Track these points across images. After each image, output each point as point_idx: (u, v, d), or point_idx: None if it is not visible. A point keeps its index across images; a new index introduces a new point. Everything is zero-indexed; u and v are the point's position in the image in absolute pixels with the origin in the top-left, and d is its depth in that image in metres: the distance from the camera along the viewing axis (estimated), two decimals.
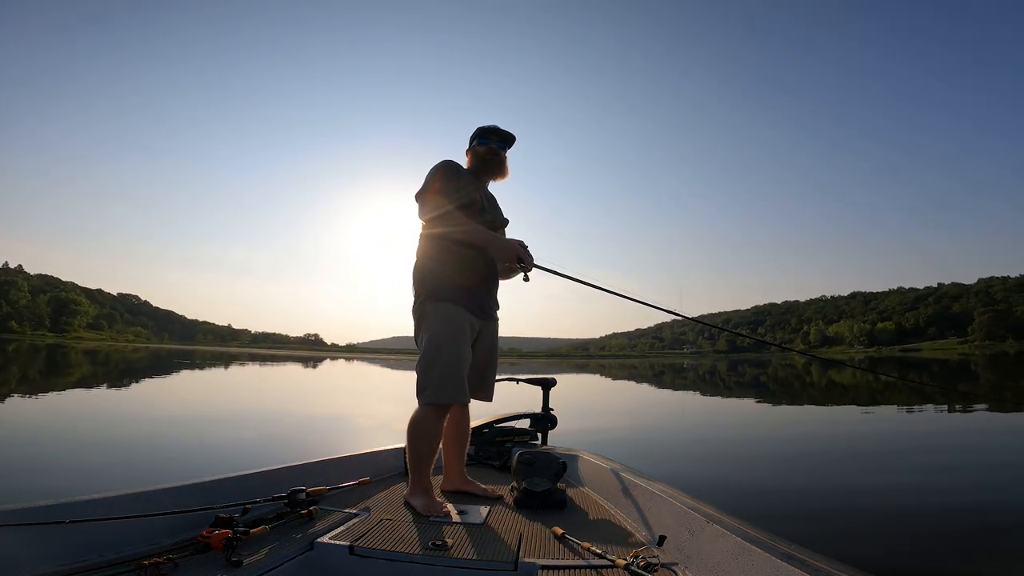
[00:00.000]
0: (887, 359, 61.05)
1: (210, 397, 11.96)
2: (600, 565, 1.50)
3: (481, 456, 2.99)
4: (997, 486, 4.28)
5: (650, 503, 1.93)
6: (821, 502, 3.90)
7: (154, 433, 6.46)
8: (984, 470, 4.85)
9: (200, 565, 1.41)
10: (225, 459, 5.11)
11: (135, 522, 1.52)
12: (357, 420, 8.84)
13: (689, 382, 20.75)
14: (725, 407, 11.17)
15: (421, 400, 2.11)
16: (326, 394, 14.28)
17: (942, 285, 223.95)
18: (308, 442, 6.35)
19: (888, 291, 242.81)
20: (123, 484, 1.72)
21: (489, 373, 2.35)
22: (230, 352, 71.77)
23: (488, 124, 2.36)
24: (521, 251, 2.11)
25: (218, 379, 18.37)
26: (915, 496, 4.04)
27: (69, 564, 1.35)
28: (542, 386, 3.28)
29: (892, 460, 5.40)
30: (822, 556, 1.26)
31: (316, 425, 7.98)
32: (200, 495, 1.76)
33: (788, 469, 5.11)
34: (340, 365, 39.01)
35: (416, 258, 2.29)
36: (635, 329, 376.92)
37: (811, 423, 8.61)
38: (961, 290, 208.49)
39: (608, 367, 42.38)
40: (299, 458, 2.31)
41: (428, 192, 2.19)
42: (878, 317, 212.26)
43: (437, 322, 2.13)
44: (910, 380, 10.92)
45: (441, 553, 1.57)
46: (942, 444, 6.41)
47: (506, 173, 2.42)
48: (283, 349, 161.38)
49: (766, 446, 6.38)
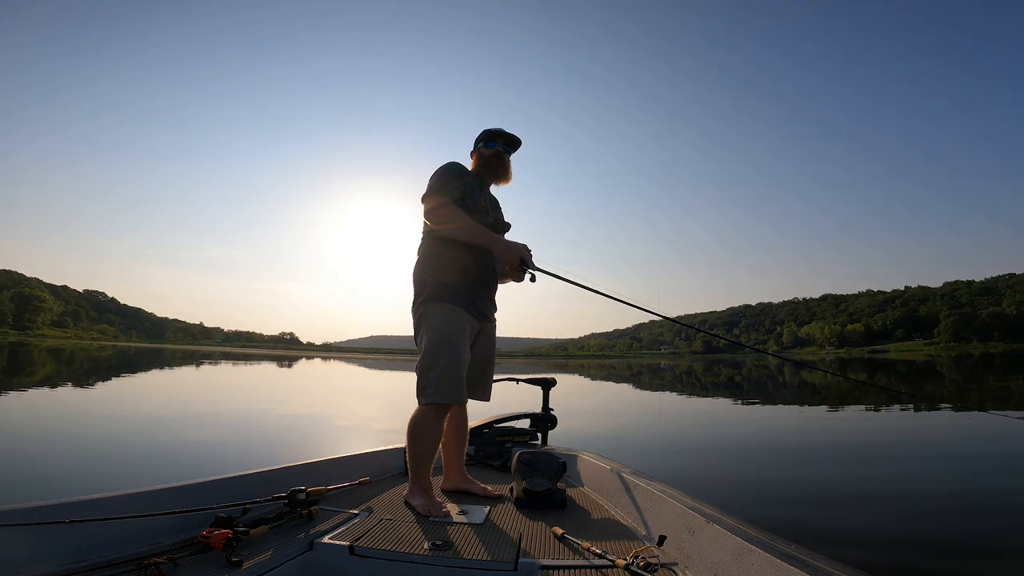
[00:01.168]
0: (856, 360, 62.68)
1: (178, 397, 11.62)
2: (600, 565, 1.51)
3: (481, 456, 2.99)
4: (959, 480, 4.42)
5: (650, 503, 1.93)
6: (786, 491, 4.19)
7: (116, 435, 6.23)
8: (946, 465, 5.00)
9: (200, 565, 1.41)
10: (193, 463, 4.94)
11: (135, 522, 1.52)
12: (333, 421, 8.67)
13: (667, 382, 20.96)
14: (700, 406, 11.29)
15: (421, 400, 2.12)
16: (300, 394, 14.00)
17: (909, 288, 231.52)
18: (282, 443, 6.20)
19: (858, 293, 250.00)
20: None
21: (487, 373, 2.38)
22: (201, 351, 70.10)
23: (493, 127, 2.38)
24: (525, 254, 2.13)
25: (187, 379, 17.90)
26: (878, 488, 4.24)
27: (69, 564, 1.34)
28: (542, 386, 3.29)
29: (855, 455, 5.64)
30: (822, 556, 1.26)
31: (290, 425, 7.80)
32: (200, 495, 1.76)
33: (758, 463, 5.31)
34: (316, 364, 38.40)
35: (417, 258, 2.30)
36: (613, 329, 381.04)
37: (782, 420, 8.78)
38: (927, 293, 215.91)
39: (587, 367, 42.61)
40: (295, 459, 2.30)
41: (434, 193, 2.18)
42: (848, 319, 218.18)
43: (438, 323, 2.14)
44: (875, 383, 11.26)
45: (441, 553, 1.57)
46: (902, 440, 6.63)
47: (510, 177, 2.43)
48: (257, 348, 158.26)
49: (738, 441, 6.56)
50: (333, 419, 8.87)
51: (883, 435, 7.26)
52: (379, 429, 7.87)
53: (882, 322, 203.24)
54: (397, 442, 2.62)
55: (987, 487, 4.24)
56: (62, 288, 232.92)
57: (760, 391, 16.00)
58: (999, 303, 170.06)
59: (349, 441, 6.55)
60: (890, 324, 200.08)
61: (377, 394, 15.04)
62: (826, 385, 17.43)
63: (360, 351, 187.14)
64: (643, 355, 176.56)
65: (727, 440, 6.84)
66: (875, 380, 20.27)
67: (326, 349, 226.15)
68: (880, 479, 4.58)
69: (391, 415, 9.83)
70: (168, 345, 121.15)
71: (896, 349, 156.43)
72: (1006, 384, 16.36)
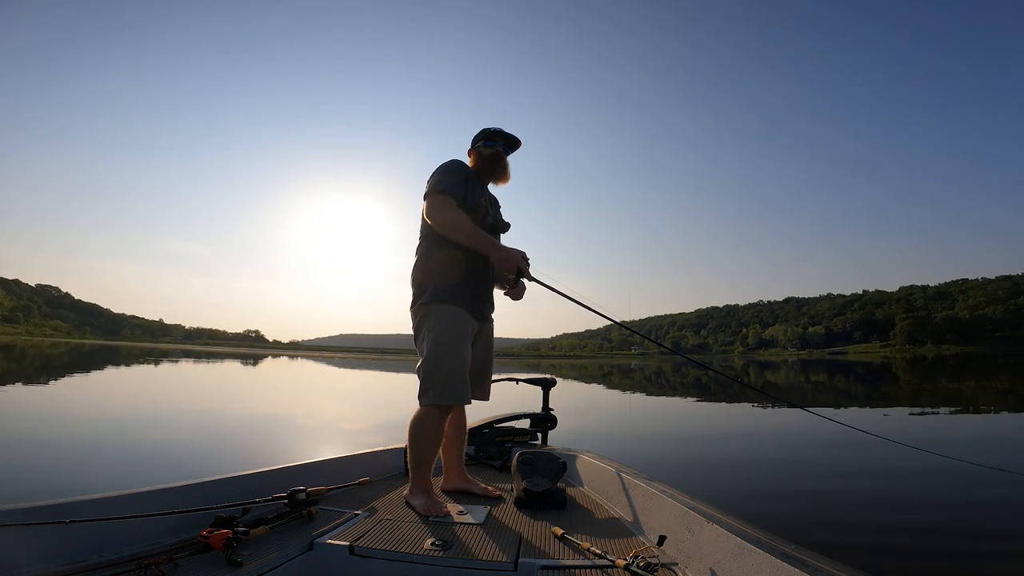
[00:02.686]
0: (817, 361, 64.80)
1: (133, 397, 11.12)
2: (600, 565, 1.51)
3: (481, 456, 3.00)
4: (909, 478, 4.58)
5: (650, 503, 1.93)
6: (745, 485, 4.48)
7: (61, 438, 5.91)
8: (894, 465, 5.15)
9: (200, 565, 1.41)
10: (146, 469, 4.71)
11: (135, 522, 1.51)
12: (299, 420, 8.43)
13: (636, 382, 21.18)
14: (668, 405, 11.44)
15: (424, 401, 2.11)
16: (264, 393, 13.61)
17: (867, 292, 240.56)
18: (240, 445, 5.98)
19: (819, 297, 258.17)
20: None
21: (487, 373, 2.39)
22: (160, 348, 67.76)
23: (493, 126, 2.36)
24: (522, 262, 2.11)
25: (143, 377, 17.23)
26: (828, 484, 4.49)
27: (69, 564, 1.34)
28: (542, 386, 3.32)
29: (805, 450, 6.02)
30: (822, 556, 1.26)
31: (252, 427, 7.55)
32: (200, 495, 1.75)
33: (720, 459, 5.63)
34: (283, 363, 37.51)
35: (417, 258, 2.27)
36: (585, 330, 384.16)
37: (745, 418, 9.00)
38: (884, 297, 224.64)
39: (559, 367, 42.80)
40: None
41: (437, 192, 2.15)
42: (809, 321, 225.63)
43: (441, 324, 2.14)
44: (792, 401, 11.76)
45: (441, 553, 1.57)
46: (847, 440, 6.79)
47: (509, 177, 2.42)
48: (220, 346, 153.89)
49: (702, 438, 6.69)
50: (298, 419, 8.63)
51: (830, 434, 7.45)
52: (350, 429, 7.73)
53: (841, 324, 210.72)
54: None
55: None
56: (13, 282, 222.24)
57: (725, 391, 16.32)
58: (952, 307, 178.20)
59: (316, 442, 6.37)
60: (849, 327, 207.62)
61: (346, 393, 14.73)
62: (788, 386, 17.94)
63: (329, 350, 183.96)
64: (614, 355, 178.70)
65: (693, 436, 6.95)
66: (835, 381, 20.89)
67: (294, 348, 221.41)
68: (819, 472, 4.75)
69: (361, 415, 9.66)
70: (125, 343, 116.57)
71: (855, 351, 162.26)
72: (957, 386, 17.10)
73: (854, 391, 16.14)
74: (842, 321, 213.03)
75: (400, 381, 21.38)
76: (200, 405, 10.04)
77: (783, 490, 4.33)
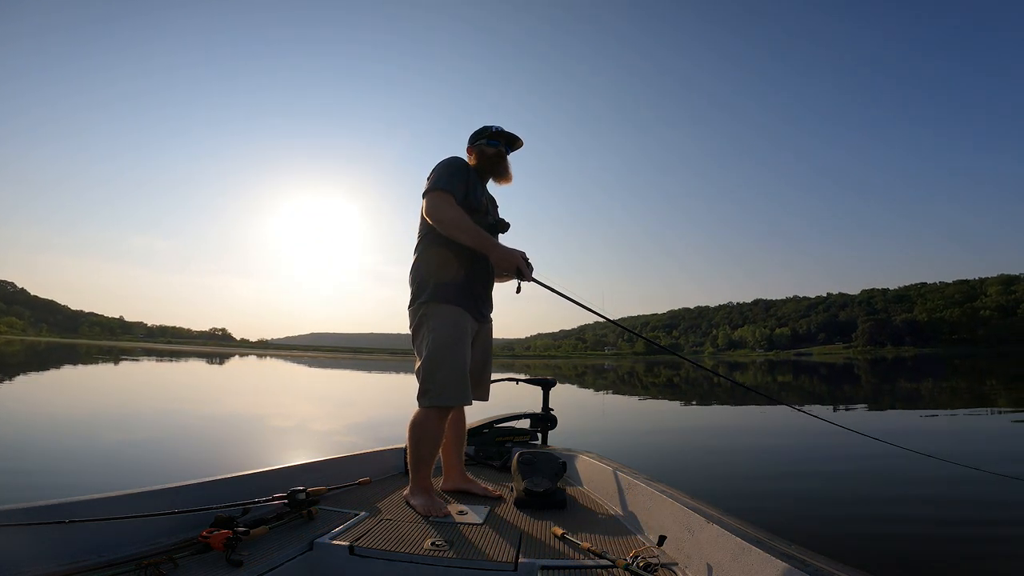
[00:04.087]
0: (783, 362, 66.59)
1: (85, 397, 10.65)
2: (600, 565, 1.51)
3: (481, 456, 2.99)
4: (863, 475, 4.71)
5: (650, 503, 1.93)
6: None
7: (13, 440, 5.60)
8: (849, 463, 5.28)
9: (200, 565, 1.41)
10: (95, 475, 4.48)
11: (135, 522, 1.51)
12: (267, 422, 8.18)
13: (609, 382, 21.36)
14: (640, 406, 11.56)
15: (424, 402, 2.09)
16: (229, 394, 13.22)
17: (831, 295, 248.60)
18: (201, 448, 5.75)
19: (786, 299, 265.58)
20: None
21: (486, 373, 2.38)
22: (120, 346, 65.43)
23: (493, 124, 2.32)
24: (521, 263, 2.09)
25: (99, 377, 16.56)
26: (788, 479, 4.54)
27: (69, 564, 1.34)
28: (542, 386, 3.32)
29: (770, 446, 6.08)
30: (822, 556, 1.26)
31: (214, 429, 7.29)
32: (200, 495, 1.75)
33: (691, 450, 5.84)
34: (250, 362, 36.62)
35: (416, 257, 2.24)
36: (559, 330, 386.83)
37: (714, 417, 9.15)
38: (847, 300, 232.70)
39: (533, 367, 42.99)
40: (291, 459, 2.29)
41: (437, 190, 2.10)
42: (776, 323, 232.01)
43: (442, 324, 2.11)
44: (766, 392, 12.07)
45: (441, 553, 1.57)
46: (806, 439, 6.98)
47: (511, 178, 2.38)
48: (184, 344, 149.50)
49: (672, 436, 6.75)
50: (266, 420, 8.39)
51: (790, 434, 7.64)
52: (321, 430, 7.57)
53: (807, 326, 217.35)
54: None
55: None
56: None
57: (696, 392, 16.58)
58: (911, 310, 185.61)
59: (285, 445, 6.18)
60: (814, 328, 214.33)
61: (315, 394, 14.42)
62: (755, 385, 18.31)
63: (299, 349, 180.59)
64: (587, 356, 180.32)
65: (663, 430, 7.01)
66: (800, 381, 21.49)
67: (262, 346, 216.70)
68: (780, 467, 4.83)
69: (331, 415, 9.46)
70: (83, 340, 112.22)
71: (819, 352, 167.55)
72: (916, 387, 17.74)
73: (818, 391, 16.58)
74: (807, 323, 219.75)
75: (373, 381, 21.11)
76: (158, 405, 9.65)
77: (754, 478, 4.56)
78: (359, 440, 6.80)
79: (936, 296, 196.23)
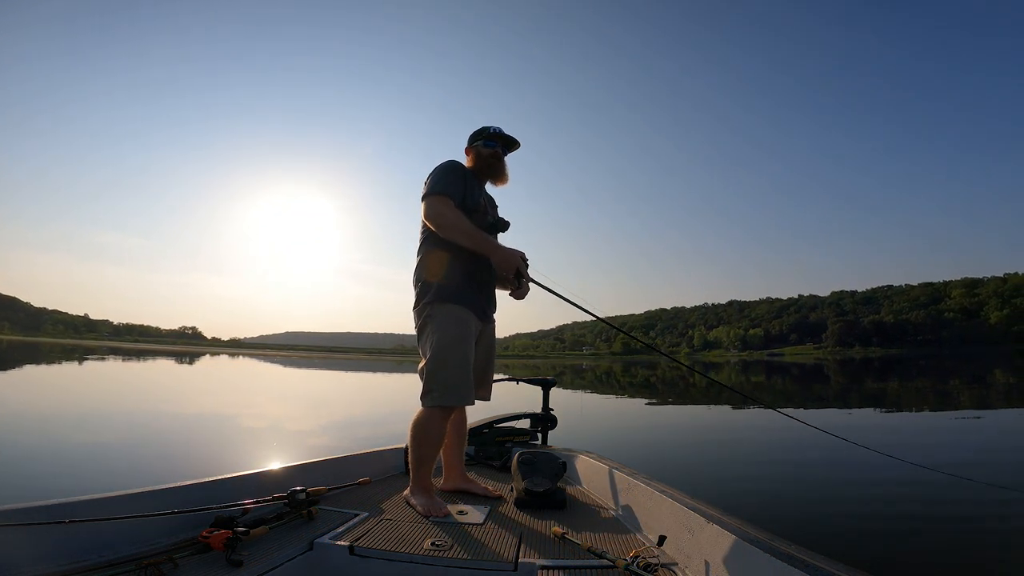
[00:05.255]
0: (756, 362, 67.93)
1: (47, 396, 10.21)
2: (600, 565, 1.51)
3: (481, 456, 2.99)
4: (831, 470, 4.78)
5: (650, 503, 1.93)
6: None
7: None
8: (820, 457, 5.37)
9: (200, 565, 1.41)
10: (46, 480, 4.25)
11: (135, 522, 1.51)
12: (238, 422, 7.92)
13: (587, 383, 21.44)
14: (617, 405, 11.61)
15: (427, 402, 2.08)
16: (200, 394, 12.83)
17: (802, 296, 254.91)
18: (166, 449, 5.52)
19: (759, 300, 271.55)
20: None
21: (488, 373, 2.38)
22: (84, 345, 63.32)
23: (491, 125, 2.34)
24: (522, 264, 2.10)
25: (61, 376, 15.94)
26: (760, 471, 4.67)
27: (69, 564, 1.34)
28: (542, 386, 3.33)
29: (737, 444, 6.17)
30: (822, 556, 1.25)
31: (182, 430, 7.02)
32: (200, 495, 1.74)
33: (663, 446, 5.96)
34: (222, 362, 35.76)
35: (419, 258, 2.26)
36: (538, 330, 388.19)
37: (686, 417, 9.25)
38: (817, 301, 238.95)
39: (511, 367, 42.89)
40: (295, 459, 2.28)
41: (436, 193, 2.12)
42: (750, 324, 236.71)
43: (446, 325, 2.12)
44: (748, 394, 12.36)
45: (441, 553, 1.57)
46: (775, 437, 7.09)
47: (507, 179, 2.39)
48: (152, 343, 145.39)
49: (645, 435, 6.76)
50: (240, 420, 8.14)
51: (761, 432, 7.75)
52: (295, 430, 7.40)
53: (779, 327, 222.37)
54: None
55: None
56: None
57: (672, 391, 16.76)
58: (878, 312, 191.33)
59: (258, 447, 5.98)
60: (786, 329, 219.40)
61: (290, 393, 14.11)
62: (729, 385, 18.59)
63: (273, 348, 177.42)
64: (566, 356, 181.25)
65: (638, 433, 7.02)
66: (772, 381, 21.89)
67: (234, 345, 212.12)
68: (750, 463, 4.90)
69: (305, 415, 9.25)
70: (45, 339, 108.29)
71: (790, 352, 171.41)
72: (883, 387, 18.22)
73: (790, 391, 16.91)
74: (780, 324, 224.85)
75: (348, 381, 20.80)
76: (122, 406, 9.29)
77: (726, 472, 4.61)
78: (332, 440, 6.64)
79: (902, 298, 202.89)
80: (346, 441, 6.56)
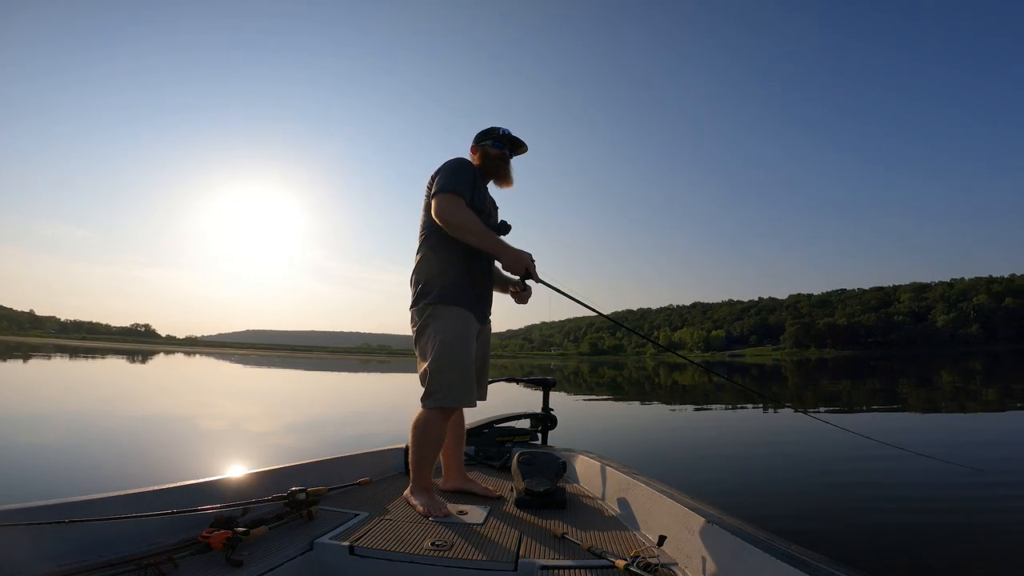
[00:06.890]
0: (719, 363, 69.80)
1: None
2: (600, 565, 1.52)
3: (481, 456, 3.00)
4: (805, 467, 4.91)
5: (650, 503, 1.93)
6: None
7: None
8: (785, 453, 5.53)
9: (200, 565, 1.42)
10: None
11: (135, 522, 1.51)
12: (201, 422, 7.58)
13: (558, 383, 21.55)
14: (587, 404, 11.71)
15: (429, 403, 2.08)
16: (150, 394, 12.28)
17: (762, 299, 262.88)
18: (114, 451, 5.25)
19: (721, 302, 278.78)
20: None
21: (484, 373, 2.39)
22: (29, 343, 60.03)
23: (499, 126, 2.33)
24: (531, 265, 2.09)
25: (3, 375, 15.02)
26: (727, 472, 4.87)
27: (69, 564, 1.34)
28: (542, 386, 3.34)
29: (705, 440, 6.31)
30: (822, 556, 1.26)
31: (124, 430, 6.67)
32: (200, 495, 1.75)
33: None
34: (177, 360, 34.43)
35: (420, 258, 2.23)
36: (506, 330, 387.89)
37: (657, 416, 9.39)
38: (776, 304, 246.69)
39: None
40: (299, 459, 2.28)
41: (447, 191, 2.09)
42: (713, 325, 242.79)
43: (449, 326, 2.11)
44: (736, 383, 12.77)
45: (441, 553, 1.57)
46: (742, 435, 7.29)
47: (512, 182, 2.39)
48: (101, 340, 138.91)
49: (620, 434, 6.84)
50: (197, 420, 7.76)
51: (727, 431, 7.95)
52: (257, 431, 7.16)
53: (740, 329, 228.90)
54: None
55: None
56: None
57: (638, 391, 17.01)
58: (833, 315, 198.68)
59: (218, 449, 5.74)
60: (746, 331, 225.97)
61: (250, 393, 13.67)
62: (692, 385, 19.05)
63: (232, 346, 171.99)
64: (534, 356, 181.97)
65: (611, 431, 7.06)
66: (734, 380, 22.51)
67: (190, 343, 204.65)
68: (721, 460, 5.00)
69: (267, 415, 8.98)
70: None
71: (751, 354, 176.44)
72: (836, 388, 18.93)
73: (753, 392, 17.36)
74: (740, 326, 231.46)
75: (310, 380, 20.30)
76: (67, 406, 8.77)
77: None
78: (296, 442, 6.45)
79: (855, 302, 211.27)
80: (311, 443, 6.37)
